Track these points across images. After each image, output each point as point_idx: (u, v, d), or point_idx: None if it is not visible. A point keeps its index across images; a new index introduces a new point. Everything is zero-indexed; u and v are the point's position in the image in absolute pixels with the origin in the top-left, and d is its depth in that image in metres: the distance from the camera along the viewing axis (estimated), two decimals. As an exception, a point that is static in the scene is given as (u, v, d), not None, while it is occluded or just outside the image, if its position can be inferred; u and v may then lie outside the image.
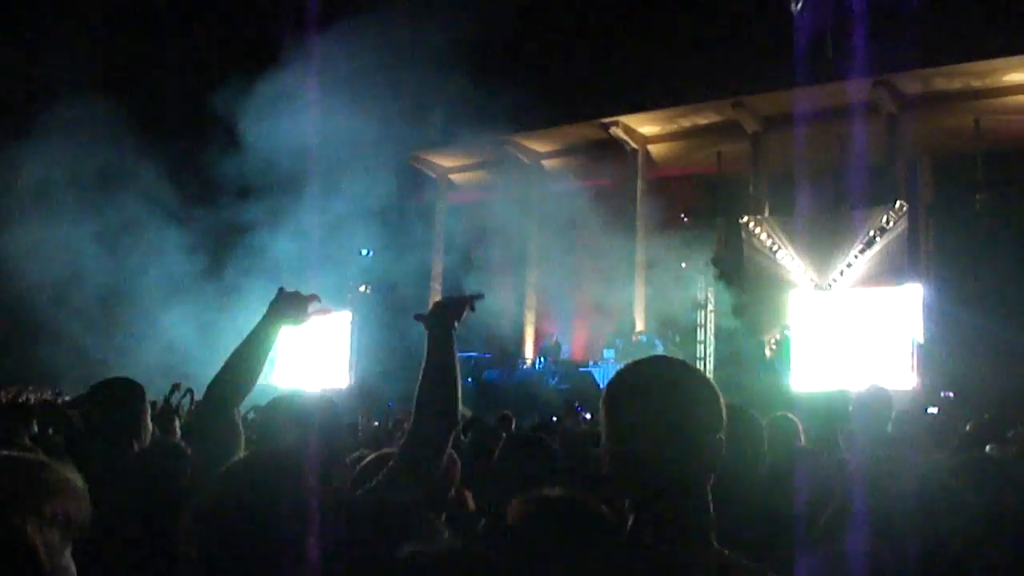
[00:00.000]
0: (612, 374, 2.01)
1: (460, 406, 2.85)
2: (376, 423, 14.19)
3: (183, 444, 4.40)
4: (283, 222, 21.26)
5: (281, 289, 3.15)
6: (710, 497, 1.86)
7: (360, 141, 20.95)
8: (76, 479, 1.66)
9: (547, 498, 2.32)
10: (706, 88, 23.95)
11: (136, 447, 3.80)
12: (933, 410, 14.73)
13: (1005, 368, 17.42)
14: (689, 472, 1.84)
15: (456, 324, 2.89)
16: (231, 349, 2.96)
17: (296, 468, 2.30)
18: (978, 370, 17.58)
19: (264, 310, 3.07)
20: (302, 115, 20.12)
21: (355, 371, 23.41)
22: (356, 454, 3.71)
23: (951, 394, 16.95)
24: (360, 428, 11.21)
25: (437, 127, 23.12)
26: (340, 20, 18.80)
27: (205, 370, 3.23)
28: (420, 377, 2.81)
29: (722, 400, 1.90)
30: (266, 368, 3.07)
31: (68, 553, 1.58)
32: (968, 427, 7.53)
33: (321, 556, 2.02)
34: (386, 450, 3.59)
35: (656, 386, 1.88)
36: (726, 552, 1.85)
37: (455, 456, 4.68)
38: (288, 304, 3.10)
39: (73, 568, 1.59)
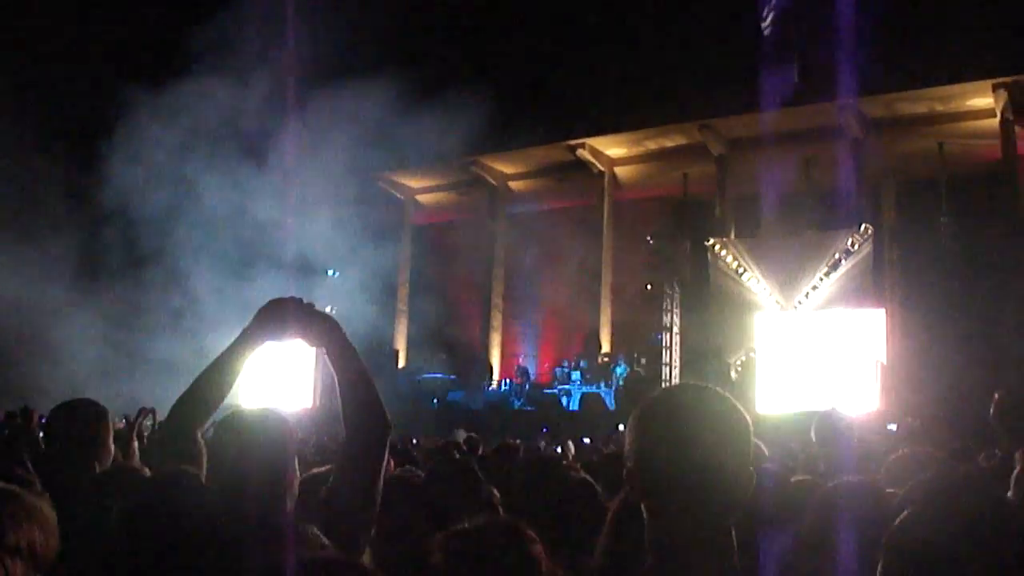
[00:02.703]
0: (646, 399, 1.95)
1: (384, 407, 2.76)
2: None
3: (140, 466, 4.30)
4: (249, 242, 21.15)
5: (271, 301, 2.86)
6: (734, 533, 1.83)
7: (327, 161, 20.91)
8: (46, 509, 1.61)
9: (468, 533, 2.26)
10: (673, 111, 24.06)
11: (97, 469, 3.72)
12: (893, 427, 14.79)
13: (967, 390, 17.49)
14: (717, 501, 1.80)
15: (330, 331, 2.80)
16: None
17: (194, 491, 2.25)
18: (941, 392, 17.64)
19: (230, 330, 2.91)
20: (268, 135, 20.05)
21: (320, 392, 23.20)
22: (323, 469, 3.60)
23: (918, 421, 16.95)
24: (330, 450, 11.06)
25: (404, 148, 23.06)
26: (309, 40, 18.74)
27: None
28: (337, 392, 2.74)
29: (752, 430, 1.87)
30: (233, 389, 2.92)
31: None
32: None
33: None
34: (315, 470, 3.50)
35: (691, 412, 1.84)
36: None
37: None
38: (274, 315, 2.82)
39: None
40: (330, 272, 25.58)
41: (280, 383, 21.49)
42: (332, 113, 19.98)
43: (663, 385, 21.51)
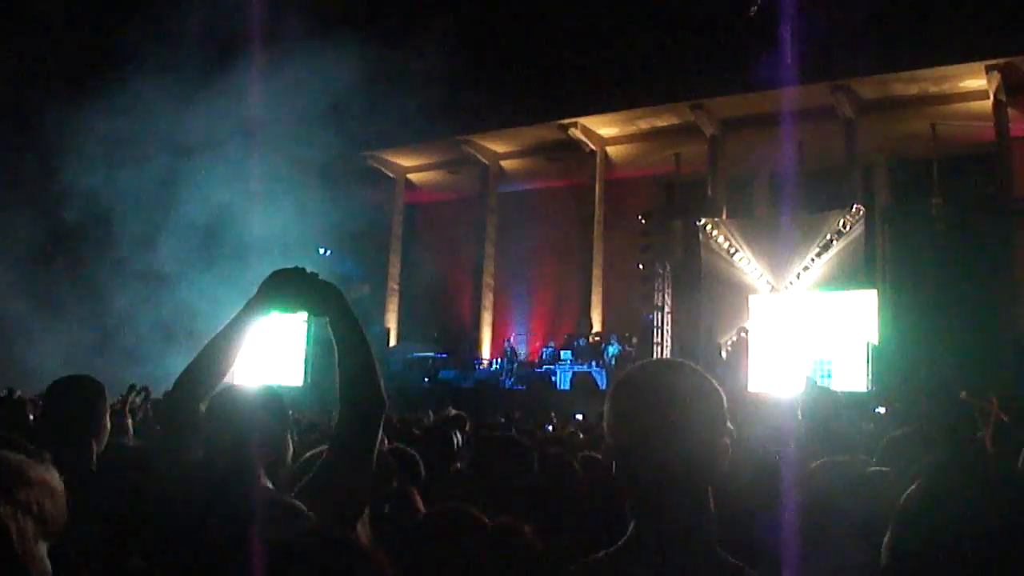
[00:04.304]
0: (618, 374, 2.03)
1: (381, 384, 2.70)
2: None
3: (138, 444, 4.31)
4: (239, 222, 21.07)
5: (276, 271, 2.79)
6: (712, 501, 1.87)
7: (319, 140, 20.83)
8: (55, 480, 1.66)
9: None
10: (665, 90, 23.99)
11: (95, 446, 3.71)
12: (881, 410, 14.78)
13: (957, 371, 17.50)
14: (692, 474, 1.83)
15: (335, 301, 2.78)
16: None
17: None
18: (931, 374, 17.64)
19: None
20: (259, 114, 19.93)
21: (311, 369, 23.20)
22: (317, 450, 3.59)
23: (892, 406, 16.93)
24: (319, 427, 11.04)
25: (395, 126, 22.97)
26: (300, 17, 18.64)
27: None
28: (336, 365, 2.70)
29: (726, 405, 1.91)
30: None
31: (44, 549, 1.58)
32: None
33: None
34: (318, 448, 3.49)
35: (662, 387, 1.88)
36: (730, 559, 1.84)
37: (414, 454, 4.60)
38: (279, 286, 2.76)
39: (48, 566, 1.58)
40: (321, 251, 25.55)
41: (271, 359, 21.51)
42: (323, 91, 19.87)
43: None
